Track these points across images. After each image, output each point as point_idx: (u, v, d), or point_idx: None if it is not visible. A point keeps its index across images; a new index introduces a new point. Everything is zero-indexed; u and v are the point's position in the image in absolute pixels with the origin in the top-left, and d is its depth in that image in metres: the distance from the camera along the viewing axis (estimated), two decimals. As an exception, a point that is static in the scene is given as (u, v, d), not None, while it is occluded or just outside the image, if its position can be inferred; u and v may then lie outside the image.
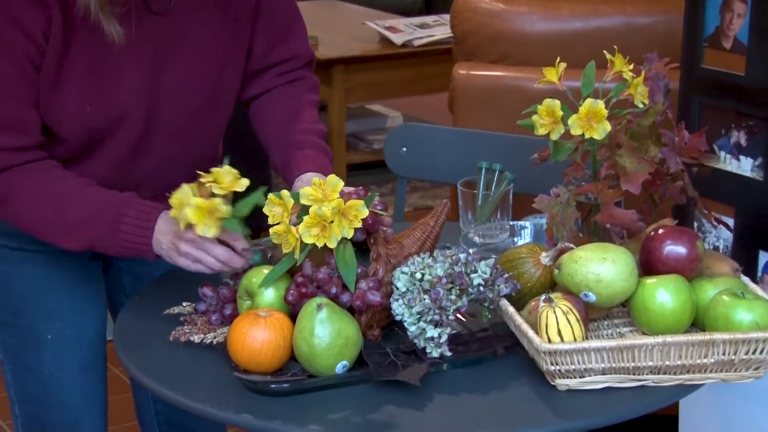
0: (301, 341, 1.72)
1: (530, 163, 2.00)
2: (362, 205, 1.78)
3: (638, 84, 1.87)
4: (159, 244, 1.89)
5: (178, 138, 2.04)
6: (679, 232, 1.84)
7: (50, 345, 2.11)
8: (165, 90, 1.99)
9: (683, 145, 1.97)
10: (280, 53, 2.15)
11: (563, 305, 1.72)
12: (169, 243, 1.88)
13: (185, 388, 1.75)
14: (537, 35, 3.05)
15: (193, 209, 1.82)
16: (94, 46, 1.90)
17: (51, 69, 1.89)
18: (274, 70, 2.16)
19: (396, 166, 2.65)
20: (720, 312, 1.75)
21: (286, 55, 2.15)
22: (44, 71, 1.89)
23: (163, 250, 1.89)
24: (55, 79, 1.90)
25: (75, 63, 1.90)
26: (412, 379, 1.69)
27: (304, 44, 2.19)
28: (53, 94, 1.91)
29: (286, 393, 1.72)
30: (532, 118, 1.86)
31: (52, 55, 1.88)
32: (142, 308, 2.00)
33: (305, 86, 2.19)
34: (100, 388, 2.20)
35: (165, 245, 1.88)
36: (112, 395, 2.30)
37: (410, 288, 1.77)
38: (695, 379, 1.74)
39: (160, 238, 1.88)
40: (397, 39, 4.66)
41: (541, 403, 1.70)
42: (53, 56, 1.88)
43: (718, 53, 2.38)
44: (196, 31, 1.99)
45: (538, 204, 1.91)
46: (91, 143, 1.97)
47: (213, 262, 1.87)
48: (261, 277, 1.84)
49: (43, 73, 1.89)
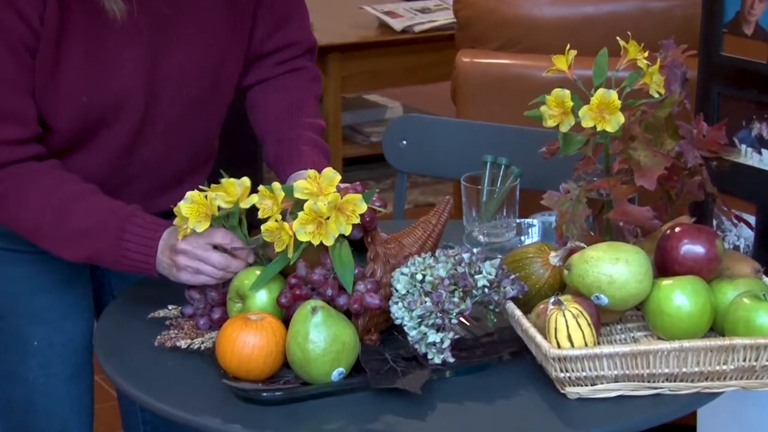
0: (294, 347, 1.73)
1: (538, 157, 2.00)
2: (360, 199, 1.78)
3: (653, 73, 1.87)
4: (161, 264, 1.91)
5: (177, 128, 2.05)
6: (697, 230, 1.84)
7: (36, 351, 2.12)
8: (164, 76, 2.00)
9: (701, 138, 1.97)
10: (279, 39, 2.15)
11: (573, 308, 1.72)
12: (168, 260, 1.90)
13: (171, 396, 1.75)
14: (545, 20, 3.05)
15: (188, 203, 1.83)
16: (91, 29, 1.91)
17: (47, 54, 1.90)
18: (273, 57, 2.17)
19: (395, 161, 2.65)
20: (740, 315, 1.75)
21: (285, 41, 2.16)
22: (39, 56, 1.90)
23: (165, 269, 1.91)
24: (50, 64, 1.91)
25: (71, 47, 1.91)
26: (412, 386, 1.69)
27: (304, 31, 2.20)
28: (48, 80, 1.92)
29: (278, 402, 1.72)
30: (541, 109, 1.86)
31: (48, 39, 1.89)
32: (125, 311, 2.00)
33: (306, 77, 2.20)
34: (88, 395, 2.21)
35: (165, 264, 1.90)
36: (98, 403, 2.30)
37: (410, 290, 1.78)
38: (714, 387, 1.74)
39: (161, 257, 1.90)
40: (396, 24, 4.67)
41: (549, 412, 1.71)
42: (49, 40, 1.89)
43: (739, 40, 2.38)
44: (197, 13, 2.00)
45: (547, 200, 1.91)
46: (86, 133, 1.98)
47: (213, 271, 1.88)
48: (253, 278, 1.84)
49: (38, 58, 1.90)
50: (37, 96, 1.93)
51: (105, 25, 1.90)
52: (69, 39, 1.91)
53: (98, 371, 1.91)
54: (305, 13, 2.20)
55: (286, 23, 2.16)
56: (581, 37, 2.88)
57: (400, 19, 4.70)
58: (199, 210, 1.85)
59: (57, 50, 1.90)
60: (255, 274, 1.84)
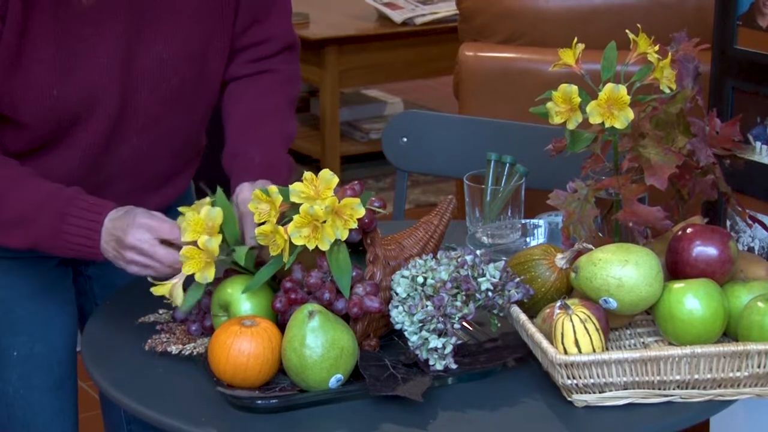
0: (290, 352, 1.73)
1: (544, 154, 2.00)
2: (358, 203, 1.78)
3: (664, 67, 1.87)
4: (106, 252, 1.90)
5: (157, 125, 2.04)
6: (709, 231, 1.85)
7: (16, 362, 2.10)
8: (141, 68, 1.98)
9: (714, 135, 1.97)
10: (255, 34, 2.12)
11: (581, 312, 1.73)
12: (113, 251, 1.89)
13: (162, 404, 1.75)
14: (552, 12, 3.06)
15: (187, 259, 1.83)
16: (61, 16, 1.90)
17: (10, 42, 1.88)
18: (247, 53, 2.14)
19: (395, 159, 2.65)
20: (755, 320, 1.76)
21: (261, 36, 2.13)
22: (2, 47, 1.88)
23: (111, 258, 1.91)
24: (14, 54, 1.90)
25: (38, 37, 1.90)
26: (413, 394, 1.69)
27: (283, 27, 2.17)
28: (13, 71, 1.91)
29: (274, 410, 1.72)
30: (547, 105, 1.86)
31: (12, 26, 1.87)
32: (113, 316, 2.01)
33: (277, 79, 2.16)
34: (71, 407, 2.19)
35: (112, 254, 1.90)
36: (83, 412, 2.30)
37: (411, 293, 1.78)
38: (727, 395, 1.75)
39: (105, 246, 1.90)
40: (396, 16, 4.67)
41: (556, 420, 1.71)
42: (12, 27, 1.87)
43: (753, 33, 2.38)
44: (175, 1, 1.98)
45: (553, 200, 1.91)
46: (59, 130, 1.97)
47: (161, 267, 1.87)
48: (237, 287, 1.84)
49: (1, 49, 1.88)
50: (2, 88, 1.91)
51: (74, 14, 1.89)
52: (34, 29, 1.89)
53: (86, 378, 1.91)
54: (287, 8, 2.17)
55: (265, 16, 2.12)
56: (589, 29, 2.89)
57: (400, 11, 4.70)
58: (200, 258, 1.85)
59: (21, 38, 1.88)
60: (240, 284, 1.84)
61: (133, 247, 1.87)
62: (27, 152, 1.98)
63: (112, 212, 1.90)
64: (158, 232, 1.87)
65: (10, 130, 1.96)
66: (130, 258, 1.88)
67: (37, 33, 1.90)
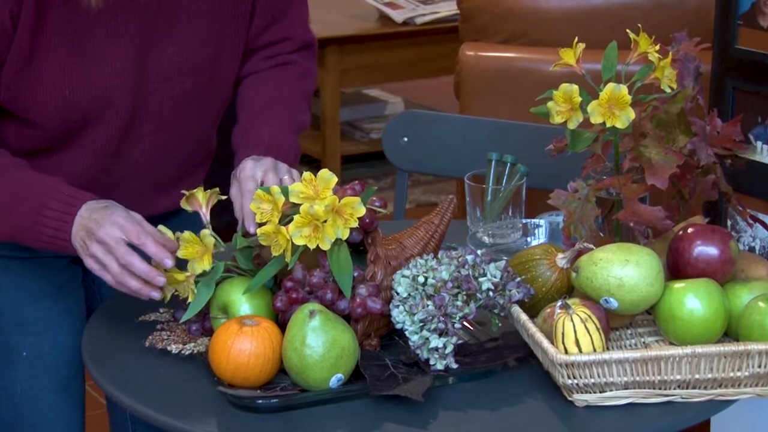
0: (291, 352, 1.73)
1: (545, 154, 2.00)
2: (358, 202, 1.78)
3: (665, 66, 1.88)
4: (75, 240, 1.88)
5: (169, 127, 2.04)
6: (710, 231, 1.85)
7: (25, 363, 2.10)
8: (155, 69, 1.99)
9: (715, 135, 1.97)
10: (274, 32, 2.14)
11: (582, 312, 1.73)
12: (80, 241, 1.87)
13: (162, 403, 1.76)
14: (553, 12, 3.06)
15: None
16: (73, 19, 1.90)
17: (23, 42, 1.89)
18: (265, 51, 2.15)
19: (396, 158, 2.65)
20: (755, 320, 1.76)
21: (279, 34, 2.14)
22: (15, 46, 1.89)
23: (77, 246, 1.88)
24: (27, 54, 1.90)
25: (51, 38, 1.90)
26: (414, 393, 1.70)
27: (301, 27, 2.19)
28: (26, 72, 1.91)
29: (274, 409, 1.73)
30: (548, 105, 1.86)
31: (25, 26, 1.88)
32: (114, 315, 2.01)
33: (294, 71, 2.18)
34: (78, 409, 2.18)
35: (78, 243, 1.87)
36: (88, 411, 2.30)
37: (412, 293, 1.78)
38: (728, 395, 1.75)
39: (75, 234, 1.87)
40: (397, 16, 4.67)
41: (556, 421, 1.71)
42: (25, 27, 1.88)
43: (755, 32, 2.38)
44: (189, 4, 1.98)
45: (554, 200, 1.92)
46: (71, 131, 1.97)
47: (116, 268, 1.83)
48: (236, 289, 1.84)
49: (13, 48, 1.89)
50: (13, 89, 1.92)
51: (87, 15, 1.89)
52: (47, 29, 1.89)
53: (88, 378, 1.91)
54: (304, 9, 2.19)
55: (283, 16, 2.14)
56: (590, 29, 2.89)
57: (401, 11, 4.70)
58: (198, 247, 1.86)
59: (34, 40, 1.89)
60: (240, 285, 1.84)
61: (100, 241, 1.84)
62: (38, 151, 1.98)
63: (90, 202, 1.88)
64: (128, 233, 1.84)
65: (22, 129, 1.96)
66: (93, 251, 1.85)
67: (50, 33, 1.90)
